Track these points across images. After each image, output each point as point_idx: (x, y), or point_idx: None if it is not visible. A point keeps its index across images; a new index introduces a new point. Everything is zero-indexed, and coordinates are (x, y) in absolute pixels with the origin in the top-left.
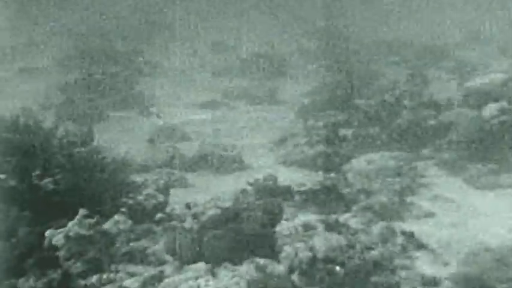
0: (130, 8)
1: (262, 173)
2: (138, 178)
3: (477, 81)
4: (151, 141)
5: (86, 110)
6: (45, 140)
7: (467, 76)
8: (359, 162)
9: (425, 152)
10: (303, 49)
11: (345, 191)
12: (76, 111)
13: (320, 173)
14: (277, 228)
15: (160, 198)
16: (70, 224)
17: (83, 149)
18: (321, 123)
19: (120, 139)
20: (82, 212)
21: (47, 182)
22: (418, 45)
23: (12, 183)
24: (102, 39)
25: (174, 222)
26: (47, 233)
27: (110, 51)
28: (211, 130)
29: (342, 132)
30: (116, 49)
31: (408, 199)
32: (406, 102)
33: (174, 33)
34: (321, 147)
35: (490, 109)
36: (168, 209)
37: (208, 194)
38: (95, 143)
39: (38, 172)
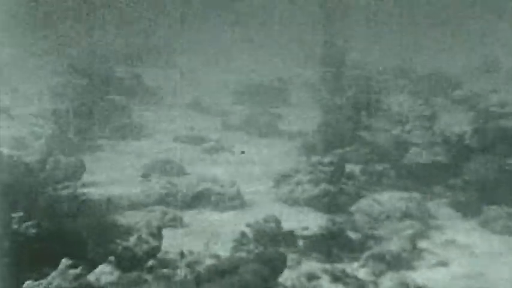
0: (129, 32)
1: (262, 212)
2: (129, 218)
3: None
4: (145, 176)
5: (77, 140)
6: (30, 177)
7: (477, 107)
8: (367, 203)
9: (437, 190)
10: (305, 77)
11: (353, 236)
12: (67, 142)
13: (325, 214)
14: (279, 279)
15: (153, 242)
16: (52, 275)
17: (69, 187)
18: (326, 160)
19: (112, 173)
20: (65, 261)
21: (28, 227)
22: (424, 73)
23: None
24: (99, 62)
25: (166, 270)
26: (26, 284)
27: (106, 75)
28: (210, 163)
29: (349, 168)
30: (112, 73)
31: (420, 245)
32: (415, 137)
33: (173, 58)
34: (326, 186)
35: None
36: (160, 254)
37: (205, 236)
38: (84, 178)
39: (18, 214)
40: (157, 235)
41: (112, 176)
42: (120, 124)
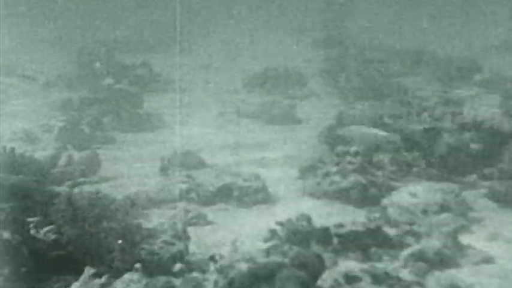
0: (137, 19)
1: (289, 206)
2: (151, 218)
3: None
4: (163, 169)
5: (89, 132)
6: (44, 176)
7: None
8: (401, 195)
9: (471, 180)
10: (318, 61)
11: (390, 232)
12: (80, 134)
13: (357, 208)
14: (318, 282)
15: (179, 244)
16: (74, 285)
17: (85, 183)
18: (352, 149)
19: (128, 167)
20: (88, 271)
21: (47, 232)
22: (442, 55)
23: (6, 235)
24: (107, 50)
25: (196, 275)
26: None
27: (115, 64)
28: (229, 154)
29: (377, 157)
30: (121, 62)
31: (462, 240)
32: (444, 123)
33: (183, 46)
34: (355, 177)
35: None
36: (188, 257)
37: (232, 234)
38: (99, 173)
39: (36, 219)
40: (184, 236)
41: (128, 170)
42: (133, 114)
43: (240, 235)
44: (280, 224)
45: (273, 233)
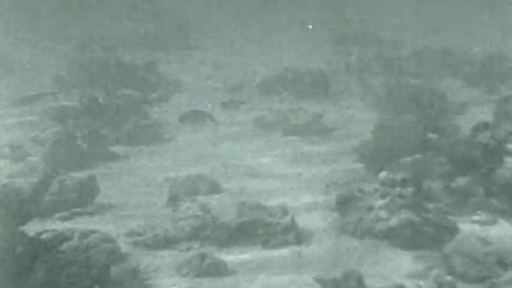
0: (140, 16)
1: (326, 251)
2: (159, 261)
3: None
4: (172, 199)
5: (86, 147)
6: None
7: None
8: (468, 239)
9: None
10: (340, 61)
11: None
12: (75, 150)
13: (413, 255)
14: None
15: None
16: None
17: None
18: (399, 176)
19: (131, 193)
20: None
21: None
22: (477, 55)
23: None
24: (108, 50)
25: None
26: None
27: (117, 65)
28: (248, 175)
29: (426, 184)
30: (123, 63)
31: None
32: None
33: (190, 44)
34: (405, 214)
35: None
36: None
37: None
38: (97, 200)
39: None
40: None
41: (131, 197)
42: (137, 125)
43: None
44: (319, 281)
45: None
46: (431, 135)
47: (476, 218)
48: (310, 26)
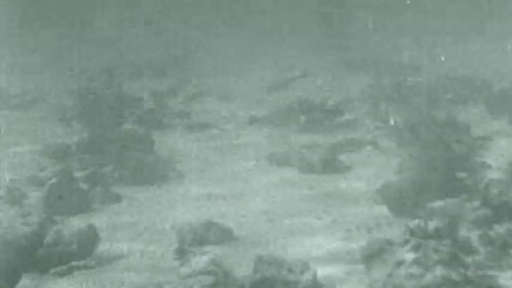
0: (145, 42)
1: None
2: None
3: None
4: (180, 252)
5: (87, 188)
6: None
7: None
8: None
9: None
10: (351, 86)
11: None
12: (73, 193)
13: None
14: None
15: None
16: None
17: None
18: (430, 225)
19: (135, 242)
20: None
21: None
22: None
23: None
24: (111, 79)
25: None
26: None
27: (120, 95)
28: (263, 221)
29: (461, 234)
30: (127, 92)
31: None
32: None
33: (195, 71)
34: (441, 270)
35: None
36: None
37: None
38: (98, 250)
39: None
40: None
41: (135, 247)
42: (142, 163)
43: None
44: None
45: None
46: (461, 175)
47: None
48: None
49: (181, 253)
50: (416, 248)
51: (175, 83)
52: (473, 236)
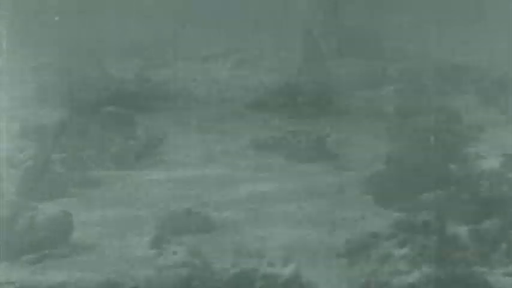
0: (132, 24)
1: None
2: None
3: None
4: (157, 241)
5: (66, 171)
6: None
7: None
8: None
9: None
10: (344, 74)
11: None
12: (52, 176)
13: None
14: None
15: None
16: None
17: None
18: (417, 218)
19: (111, 229)
20: None
21: None
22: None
23: None
24: (91, 58)
25: None
26: None
27: (106, 77)
28: (244, 209)
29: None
30: (111, 74)
31: None
32: None
33: (188, 53)
34: (427, 268)
35: None
36: None
37: None
38: (72, 238)
39: None
40: None
41: (111, 236)
42: (123, 147)
43: None
44: None
45: None
46: (451, 166)
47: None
48: None
49: (157, 243)
50: (403, 243)
51: (160, 65)
52: (462, 231)
